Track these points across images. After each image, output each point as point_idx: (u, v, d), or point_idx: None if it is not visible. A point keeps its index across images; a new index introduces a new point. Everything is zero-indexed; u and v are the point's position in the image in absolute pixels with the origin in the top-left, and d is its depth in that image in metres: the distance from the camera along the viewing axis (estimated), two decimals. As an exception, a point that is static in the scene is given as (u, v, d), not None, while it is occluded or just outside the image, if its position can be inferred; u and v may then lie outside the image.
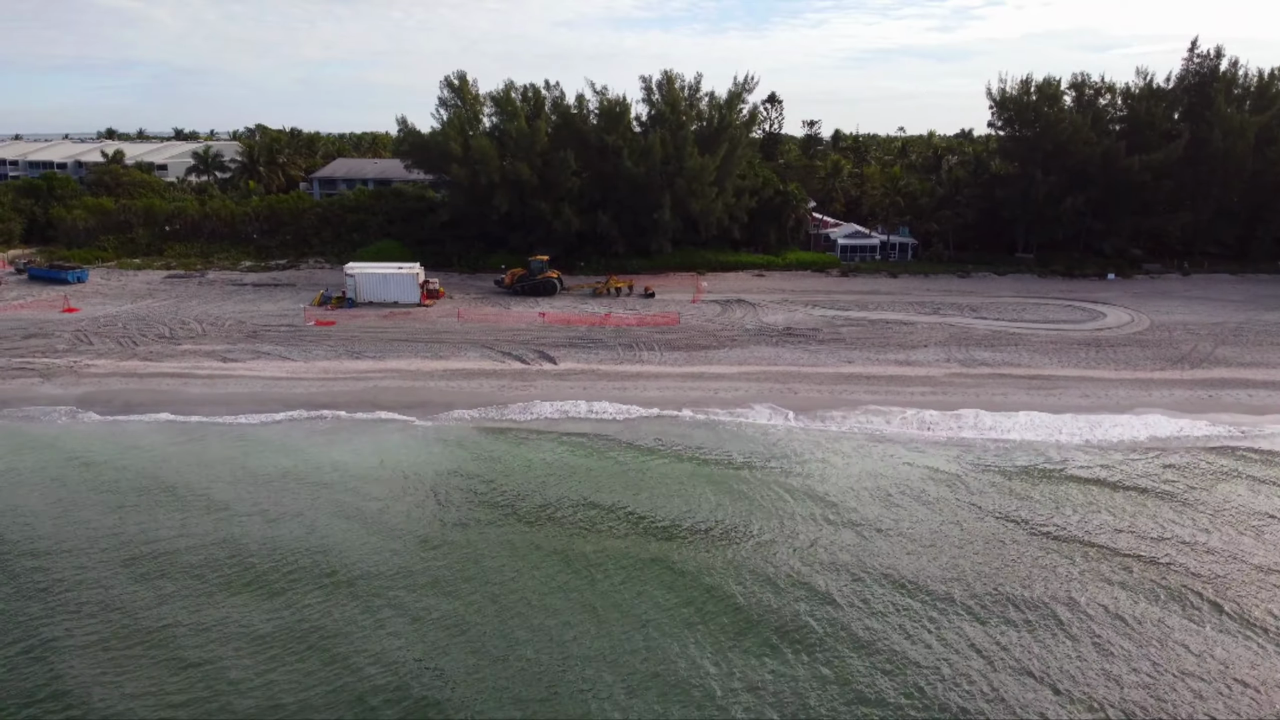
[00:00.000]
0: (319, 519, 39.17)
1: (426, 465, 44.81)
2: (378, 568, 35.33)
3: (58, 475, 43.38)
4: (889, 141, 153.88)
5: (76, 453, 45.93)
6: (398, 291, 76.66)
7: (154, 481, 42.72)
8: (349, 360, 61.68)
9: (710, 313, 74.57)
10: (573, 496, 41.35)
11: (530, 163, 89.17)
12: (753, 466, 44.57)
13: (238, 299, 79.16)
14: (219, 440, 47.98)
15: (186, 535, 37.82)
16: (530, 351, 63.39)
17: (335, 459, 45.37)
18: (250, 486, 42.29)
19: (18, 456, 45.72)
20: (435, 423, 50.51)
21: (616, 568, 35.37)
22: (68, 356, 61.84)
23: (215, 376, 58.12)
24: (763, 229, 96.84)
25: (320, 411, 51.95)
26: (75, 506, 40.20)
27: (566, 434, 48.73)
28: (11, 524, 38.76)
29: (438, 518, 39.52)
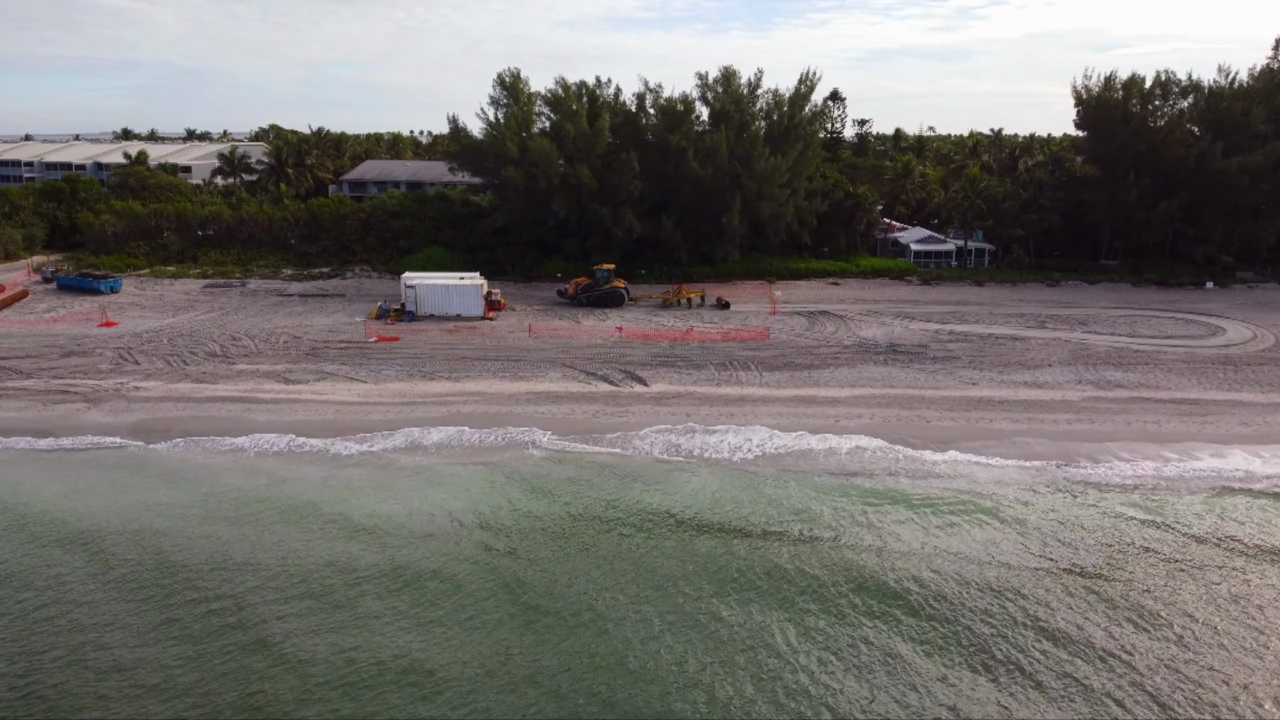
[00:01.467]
0: (499, 619, 31.99)
1: (579, 509, 39.33)
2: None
3: (133, 549, 36.77)
4: (946, 140, 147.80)
5: (150, 501, 40.46)
6: (460, 304, 71.22)
7: (262, 550, 36.26)
8: (422, 381, 56.27)
9: (797, 326, 69.10)
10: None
11: (590, 165, 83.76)
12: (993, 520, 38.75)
13: (286, 311, 73.74)
14: (311, 479, 42.42)
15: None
16: (616, 371, 57.96)
17: (473, 505, 39.95)
18: (379, 546, 36.63)
19: (76, 503, 40.30)
20: (542, 453, 45.12)
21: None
22: (112, 378, 56.45)
23: (280, 401, 52.72)
24: (832, 234, 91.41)
25: (417, 440, 46.66)
26: (172, 598, 33.21)
27: (729, 469, 43.28)
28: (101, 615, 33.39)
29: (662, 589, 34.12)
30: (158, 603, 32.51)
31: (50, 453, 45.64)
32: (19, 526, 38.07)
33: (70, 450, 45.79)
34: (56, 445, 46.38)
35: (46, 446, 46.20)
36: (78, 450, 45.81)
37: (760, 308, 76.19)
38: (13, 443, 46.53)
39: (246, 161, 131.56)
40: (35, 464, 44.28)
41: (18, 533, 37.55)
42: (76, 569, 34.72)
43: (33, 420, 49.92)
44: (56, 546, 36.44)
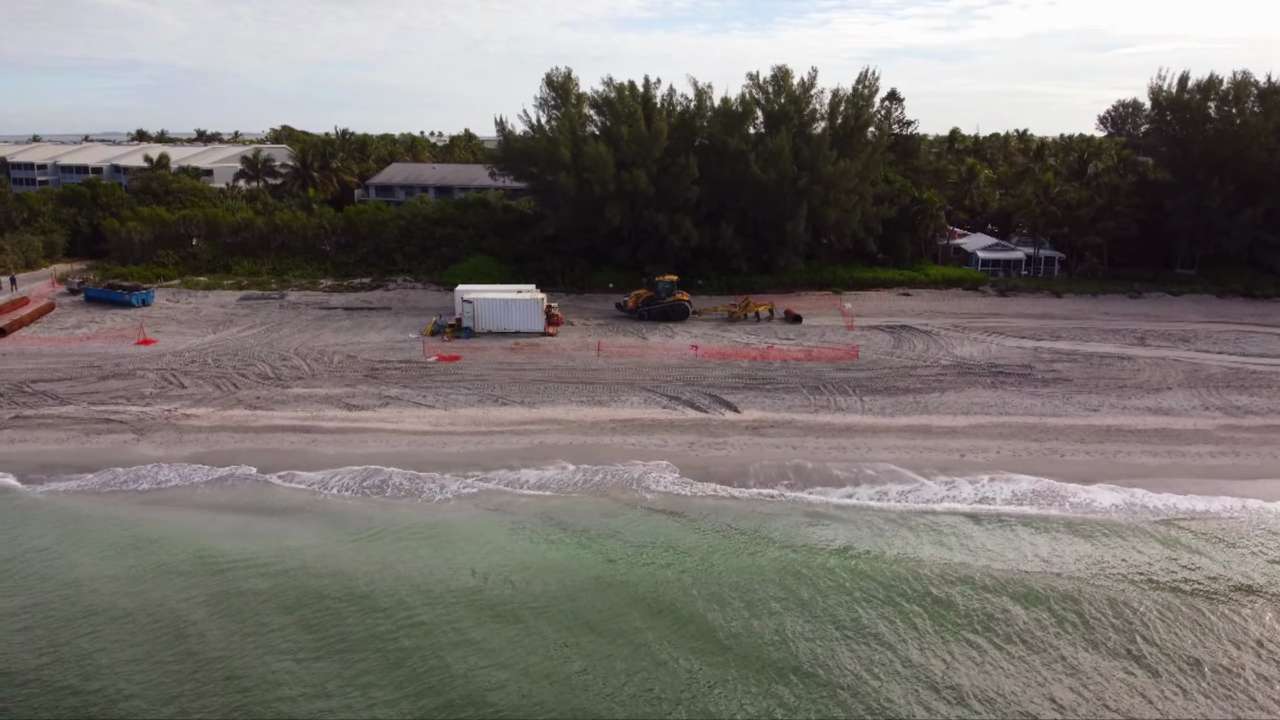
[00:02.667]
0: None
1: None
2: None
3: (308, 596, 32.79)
4: (1000, 141, 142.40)
5: (213, 551, 36.03)
6: (520, 319, 66.75)
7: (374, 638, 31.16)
8: (495, 407, 51.82)
9: (882, 343, 64.63)
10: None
11: (646, 170, 79.30)
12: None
13: (334, 326, 69.27)
14: (408, 531, 37.84)
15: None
16: (701, 395, 53.49)
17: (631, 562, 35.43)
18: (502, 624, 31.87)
19: (145, 555, 35.88)
20: (657, 495, 40.63)
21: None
22: (159, 404, 52.02)
23: (346, 430, 48.29)
24: (897, 241, 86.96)
25: (515, 479, 42.22)
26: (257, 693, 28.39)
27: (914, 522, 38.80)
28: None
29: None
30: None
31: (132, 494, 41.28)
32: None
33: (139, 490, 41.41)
34: (126, 482, 42.00)
35: (120, 484, 41.86)
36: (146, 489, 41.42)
37: (832, 321, 71.75)
38: (81, 483, 42.14)
39: (270, 164, 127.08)
40: (116, 504, 39.91)
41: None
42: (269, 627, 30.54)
43: (75, 453, 45.57)
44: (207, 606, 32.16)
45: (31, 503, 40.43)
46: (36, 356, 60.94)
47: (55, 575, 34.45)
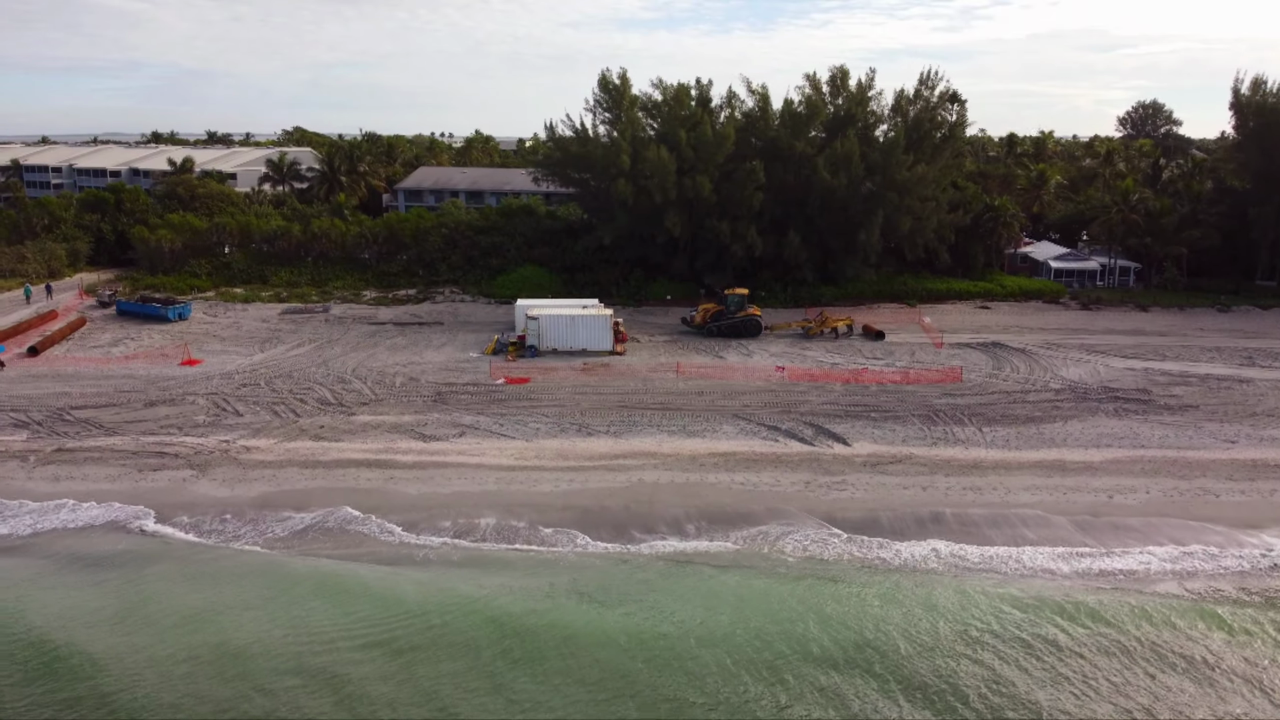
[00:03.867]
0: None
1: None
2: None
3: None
4: (1059, 144, 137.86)
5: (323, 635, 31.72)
6: (588, 337, 62.48)
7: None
8: (580, 438, 47.54)
9: (981, 364, 60.30)
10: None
11: (709, 176, 75.03)
12: None
13: (387, 344, 65.01)
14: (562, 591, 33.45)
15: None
16: (801, 424, 49.20)
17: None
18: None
19: (193, 637, 31.56)
20: (799, 558, 36.27)
21: None
22: (214, 434, 47.76)
23: (425, 465, 44.04)
24: (969, 251, 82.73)
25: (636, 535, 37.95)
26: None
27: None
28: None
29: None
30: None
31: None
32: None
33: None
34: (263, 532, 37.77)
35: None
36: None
37: (915, 338, 67.49)
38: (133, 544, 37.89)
39: (296, 168, 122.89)
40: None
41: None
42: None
43: (129, 492, 41.34)
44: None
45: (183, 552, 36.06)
46: (74, 379, 56.69)
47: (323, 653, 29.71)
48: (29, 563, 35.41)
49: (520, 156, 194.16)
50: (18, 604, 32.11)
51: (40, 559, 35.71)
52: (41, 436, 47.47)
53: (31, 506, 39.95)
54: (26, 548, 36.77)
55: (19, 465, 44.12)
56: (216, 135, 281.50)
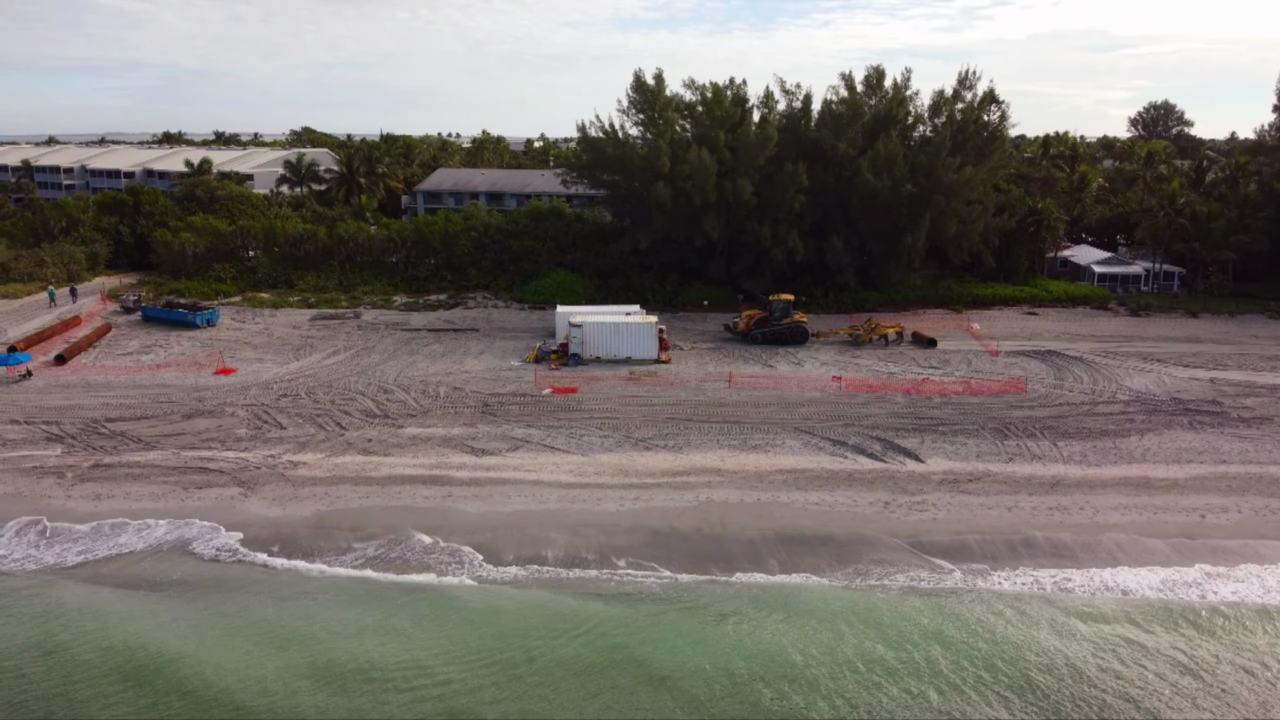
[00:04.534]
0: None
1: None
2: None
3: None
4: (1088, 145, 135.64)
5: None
6: (633, 345, 60.56)
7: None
8: (638, 452, 45.60)
9: (1041, 373, 58.32)
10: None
11: (749, 178, 73.10)
12: None
13: (425, 352, 63.07)
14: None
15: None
16: (868, 439, 47.24)
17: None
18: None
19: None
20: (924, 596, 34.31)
21: None
22: (258, 448, 45.84)
23: (481, 481, 42.13)
24: (1013, 255, 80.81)
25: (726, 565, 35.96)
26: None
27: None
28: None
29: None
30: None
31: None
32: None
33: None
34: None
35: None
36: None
37: (966, 345, 65.57)
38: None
39: (314, 170, 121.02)
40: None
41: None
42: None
43: (176, 511, 39.42)
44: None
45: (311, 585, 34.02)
46: (105, 389, 54.78)
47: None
48: (129, 590, 33.67)
49: (529, 157, 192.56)
50: (129, 635, 30.57)
51: (136, 585, 33.99)
52: (76, 451, 45.57)
53: (82, 531, 37.98)
54: (113, 574, 34.89)
55: (56, 482, 42.21)
56: (224, 135, 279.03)
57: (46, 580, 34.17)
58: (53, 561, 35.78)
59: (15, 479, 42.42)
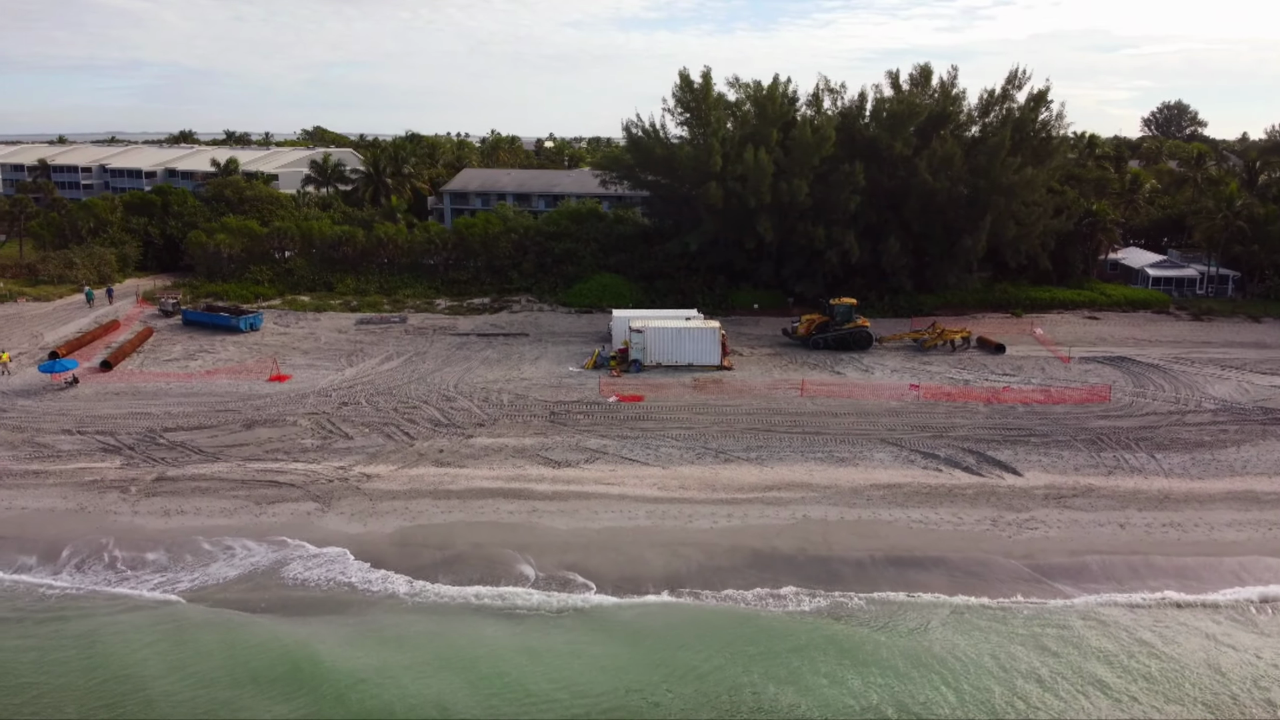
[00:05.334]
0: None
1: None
2: None
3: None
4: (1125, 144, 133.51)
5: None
6: (694, 350, 58.79)
7: None
8: (720, 465, 43.82)
9: (1120, 382, 56.39)
10: None
11: (804, 178, 71.28)
12: None
13: (479, 357, 61.26)
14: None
15: None
16: (961, 451, 45.38)
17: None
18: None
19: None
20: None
21: None
22: (327, 460, 44.06)
23: (564, 495, 40.36)
24: (1068, 257, 79.02)
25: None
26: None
27: None
28: None
29: None
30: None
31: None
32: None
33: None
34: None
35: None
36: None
37: (1033, 351, 63.77)
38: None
39: (340, 170, 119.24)
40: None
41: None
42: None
43: (252, 527, 37.67)
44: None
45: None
46: (156, 396, 53.00)
47: None
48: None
49: (543, 157, 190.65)
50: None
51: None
52: (136, 463, 43.79)
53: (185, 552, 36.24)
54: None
55: (120, 497, 40.43)
56: (235, 134, 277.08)
57: (188, 605, 32.57)
58: (197, 584, 33.99)
59: (76, 493, 40.68)
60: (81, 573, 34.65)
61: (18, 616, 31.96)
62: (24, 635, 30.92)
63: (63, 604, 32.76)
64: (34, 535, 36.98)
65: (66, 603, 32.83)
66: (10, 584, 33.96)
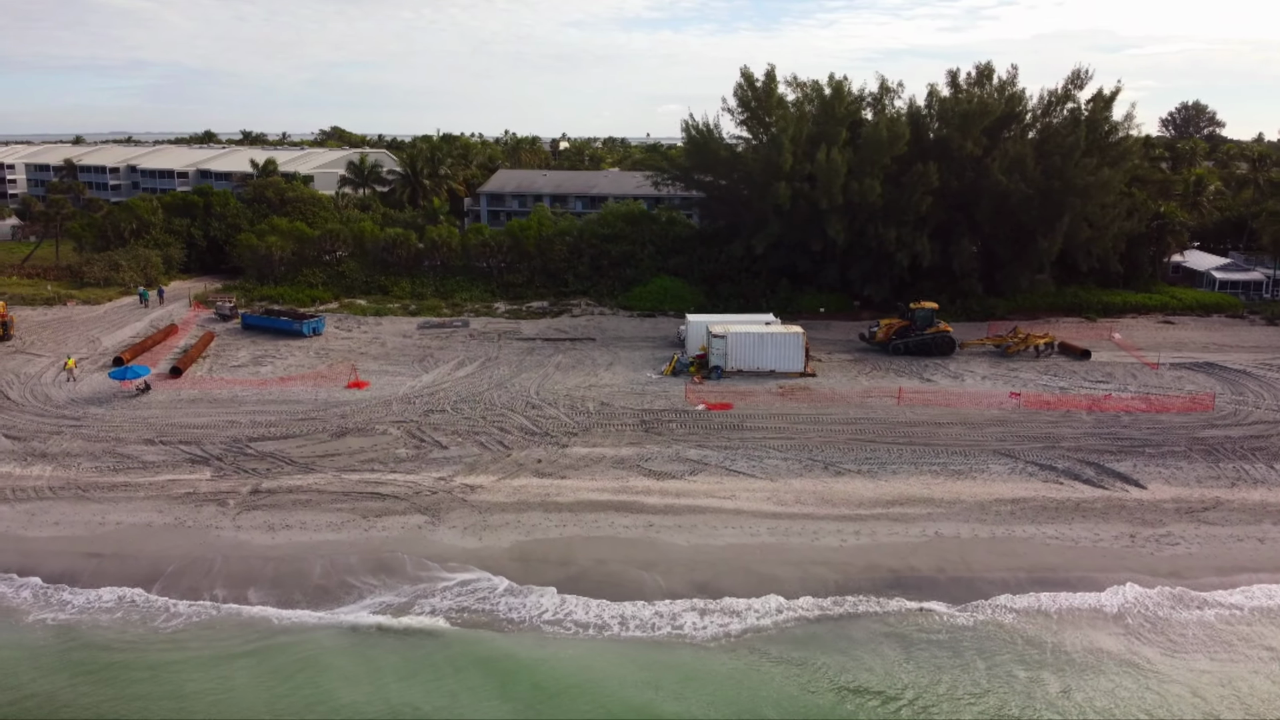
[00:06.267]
0: None
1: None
2: None
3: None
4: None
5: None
6: (777, 357, 57.27)
7: None
8: (830, 477, 42.27)
9: (1216, 389, 54.75)
10: None
11: (875, 178, 69.77)
12: None
13: (551, 363, 59.76)
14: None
15: None
16: (1078, 463, 43.75)
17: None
18: None
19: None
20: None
21: None
22: (425, 470, 42.60)
23: (676, 509, 38.86)
24: (1137, 260, 77.50)
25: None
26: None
27: None
28: None
29: None
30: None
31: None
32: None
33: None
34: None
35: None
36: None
37: (1115, 357, 62.21)
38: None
39: (377, 171, 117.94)
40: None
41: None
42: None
43: (362, 543, 36.20)
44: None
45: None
46: (232, 404, 51.56)
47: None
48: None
49: (561, 157, 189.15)
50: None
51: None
52: (227, 474, 42.36)
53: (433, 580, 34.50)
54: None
55: (218, 510, 38.98)
56: (251, 135, 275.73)
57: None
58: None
59: (171, 506, 39.25)
60: (260, 600, 32.81)
61: (214, 649, 30.14)
62: (255, 669, 29.30)
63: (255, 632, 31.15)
64: (140, 552, 35.52)
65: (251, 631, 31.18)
66: (193, 611, 32.13)
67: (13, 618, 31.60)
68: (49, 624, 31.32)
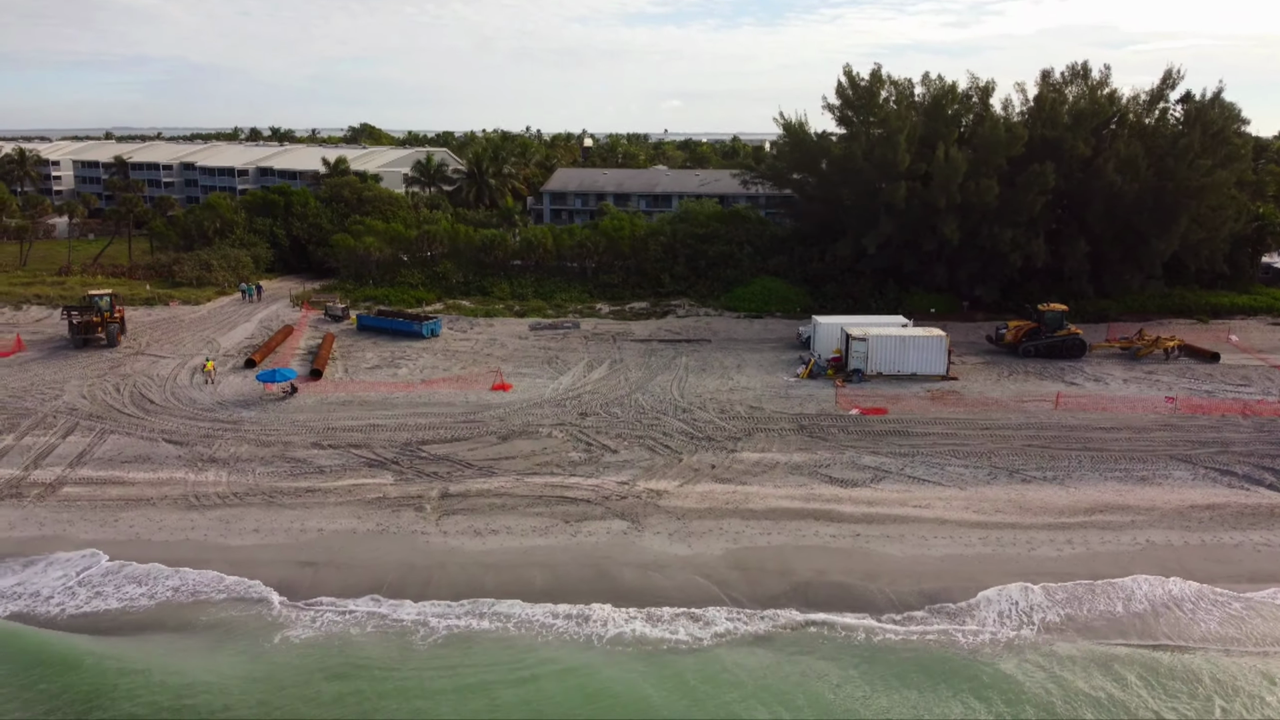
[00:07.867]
0: None
1: None
2: None
3: None
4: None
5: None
6: (919, 360, 56.86)
7: None
8: (1018, 485, 41.81)
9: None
10: None
11: (992, 178, 69.25)
12: None
13: (680, 365, 59.26)
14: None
15: None
16: (1256, 468, 43.17)
17: None
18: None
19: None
20: None
21: None
22: (603, 475, 42.26)
23: (872, 518, 38.42)
24: (1238, 261, 77.00)
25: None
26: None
27: None
28: None
29: None
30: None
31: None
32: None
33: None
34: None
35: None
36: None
37: (1239, 360, 61.78)
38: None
39: (443, 171, 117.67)
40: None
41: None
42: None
43: (573, 548, 35.92)
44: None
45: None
46: (385, 407, 51.25)
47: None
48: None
49: (587, 155, 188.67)
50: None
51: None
52: (409, 478, 42.05)
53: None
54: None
55: (415, 515, 38.67)
56: (280, 131, 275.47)
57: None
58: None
59: (368, 512, 38.93)
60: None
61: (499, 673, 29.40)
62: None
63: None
64: (353, 560, 35.20)
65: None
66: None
67: (261, 635, 30.96)
68: (294, 641, 30.69)
